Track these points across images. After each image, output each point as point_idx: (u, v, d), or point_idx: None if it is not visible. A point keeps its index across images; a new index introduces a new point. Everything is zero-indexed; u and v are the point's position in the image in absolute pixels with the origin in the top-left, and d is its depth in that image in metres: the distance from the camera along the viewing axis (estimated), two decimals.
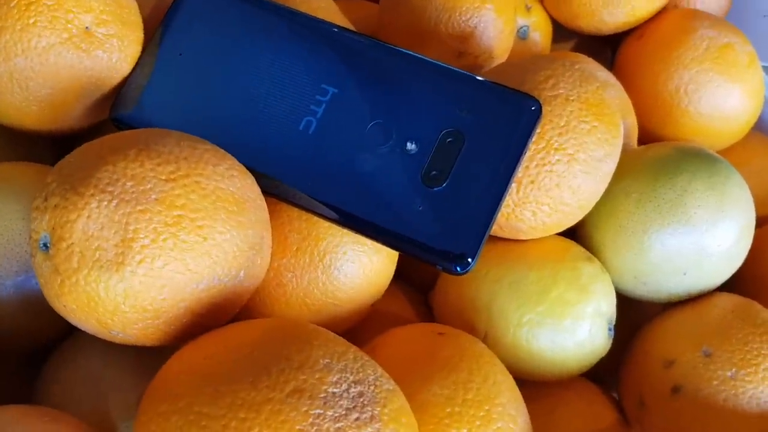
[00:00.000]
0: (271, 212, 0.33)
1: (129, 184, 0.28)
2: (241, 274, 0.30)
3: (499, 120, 0.34)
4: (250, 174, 0.32)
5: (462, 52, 0.42)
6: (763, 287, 0.43)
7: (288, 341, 0.27)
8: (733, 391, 0.36)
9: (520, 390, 0.34)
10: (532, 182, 0.35)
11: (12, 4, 0.33)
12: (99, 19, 0.35)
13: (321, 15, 0.39)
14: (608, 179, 0.37)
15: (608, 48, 0.55)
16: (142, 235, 0.27)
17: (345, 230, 0.35)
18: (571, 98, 0.35)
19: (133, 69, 0.37)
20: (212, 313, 0.30)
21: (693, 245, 0.38)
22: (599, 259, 0.40)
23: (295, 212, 0.35)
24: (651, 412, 0.38)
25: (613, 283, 0.39)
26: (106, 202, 0.27)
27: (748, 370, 0.36)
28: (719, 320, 0.38)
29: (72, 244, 0.27)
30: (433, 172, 0.33)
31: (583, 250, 0.39)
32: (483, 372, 0.33)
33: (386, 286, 0.38)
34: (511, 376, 0.34)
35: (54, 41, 0.34)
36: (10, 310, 0.33)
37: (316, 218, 0.35)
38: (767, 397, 0.36)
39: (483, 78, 0.35)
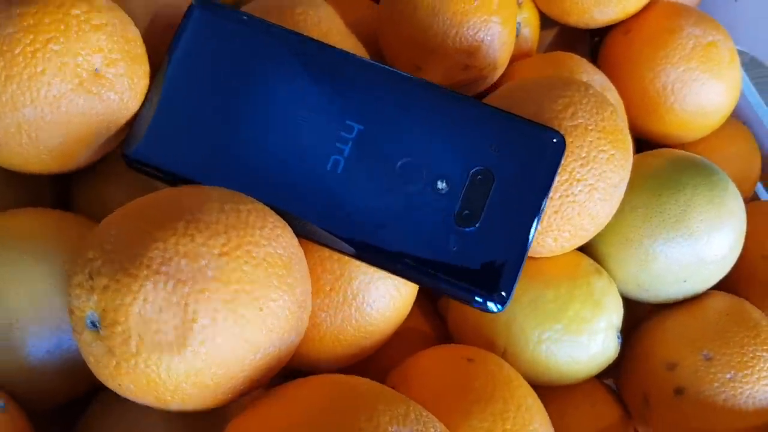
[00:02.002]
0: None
1: (183, 262, 0.27)
2: (293, 336, 0.30)
3: (525, 155, 0.34)
4: (289, 227, 0.32)
5: (468, 65, 0.42)
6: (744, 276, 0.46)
7: (355, 409, 0.27)
8: (732, 392, 0.39)
9: None
10: (556, 212, 0.36)
11: (17, 51, 0.31)
12: (108, 59, 0.33)
13: (333, 38, 0.38)
14: (620, 200, 0.38)
15: (588, 34, 0.56)
16: (202, 315, 0.27)
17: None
18: (590, 128, 0.36)
19: (143, 104, 0.35)
20: (266, 375, 0.30)
21: (694, 255, 0.40)
22: (604, 268, 0.41)
23: (326, 252, 0.35)
24: (655, 411, 0.41)
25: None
26: (162, 284, 0.27)
27: (745, 372, 0.39)
28: (716, 323, 0.41)
29: (129, 327, 0.27)
30: (466, 212, 0.34)
31: (591, 262, 0.41)
32: (516, 399, 0.35)
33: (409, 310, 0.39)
34: (537, 398, 0.36)
35: (64, 89, 0.32)
36: (46, 373, 0.32)
37: (347, 257, 0.35)
38: (761, 395, 0.39)
39: (508, 112, 0.35)
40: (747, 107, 0.54)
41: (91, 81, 0.32)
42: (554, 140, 0.34)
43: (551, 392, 0.41)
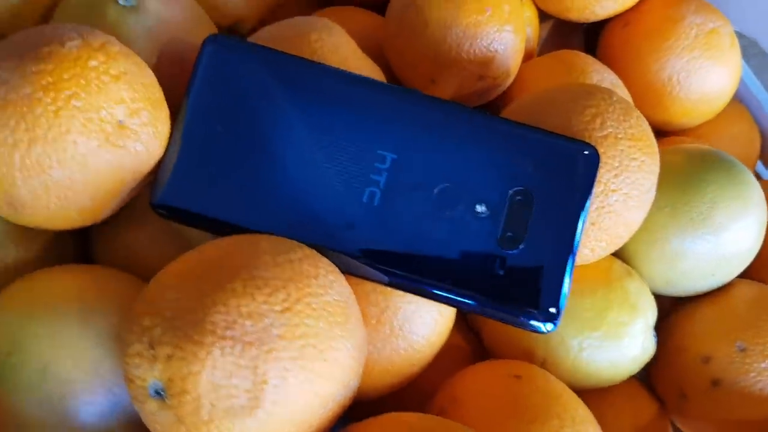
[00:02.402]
0: None
1: (248, 323, 0.26)
2: (356, 381, 0.30)
3: (561, 171, 0.34)
4: (338, 270, 0.31)
5: (483, 75, 0.41)
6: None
7: None
8: None
9: None
10: (593, 224, 0.36)
11: (38, 112, 0.29)
12: (131, 109, 0.31)
13: (351, 64, 0.37)
14: (651, 204, 0.38)
15: (581, 24, 0.56)
16: (272, 376, 0.26)
17: None
18: (620, 136, 0.36)
19: (167, 150, 0.34)
20: (332, 423, 0.30)
21: (721, 250, 0.41)
22: (633, 267, 0.42)
23: (368, 285, 0.34)
24: (693, 403, 0.42)
25: None
26: (229, 348, 0.26)
27: None
28: (746, 314, 0.41)
29: (199, 396, 0.26)
30: (509, 234, 0.33)
31: (620, 263, 0.41)
32: (569, 413, 0.35)
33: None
34: (585, 405, 0.36)
35: (91, 146, 0.30)
36: None
37: (390, 289, 0.34)
38: None
39: (540, 129, 0.34)
40: (742, 87, 0.55)
41: (116, 134, 0.31)
42: (588, 153, 0.34)
43: (587, 392, 0.41)
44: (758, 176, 0.56)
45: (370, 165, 0.34)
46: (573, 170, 0.34)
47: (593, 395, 0.42)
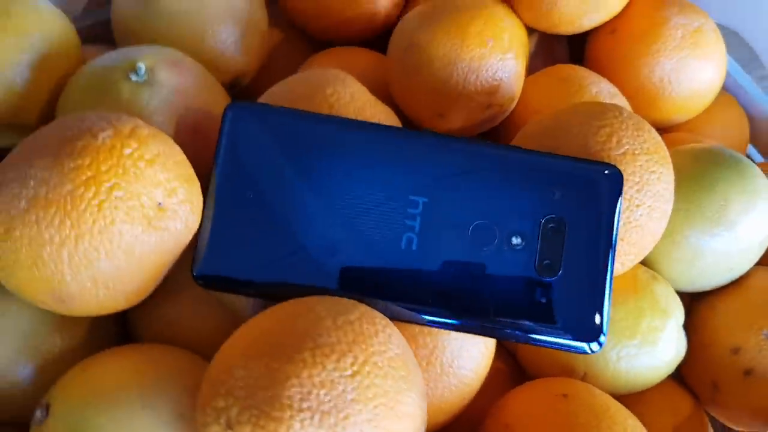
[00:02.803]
0: None
1: (322, 393, 0.27)
2: (423, 428, 0.31)
3: (588, 194, 0.35)
4: (391, 323, 0.32)
5: (490, 104, 0.42)
6: None
7: None
8: None
9: None
10: (622, 239, 0.37)
11: (82, 208, 0.29)
12: (168, 190, 0.32)
13: (367, 112, 0.37)
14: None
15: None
16: None
17: None
18: (636, 152, 0.37)
19: (203, 221, 0.34)
20: None
21: (737, 244, 0.42)
22: (655, 270, 0.43)
23: (415, 328, 0.35)
24: (726, 394, 0.43)
25: None
26: (308, 420, 0.27)
27: None
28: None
29: None
30: (546, 262, 0.34)
31: (644, 269, 0.42)
32: (620, 425, 0.36)
33: None
34: (631, 414, 0.37)
35: (136, 233, 0.31)
36: None
37: (436, 329, 0.35)
38: None
39: (562, 156, 0.35)
40: (728, 77, 0.56)
41: (157, 217, 0.31)
42: (610, 173, 0.35)
43: (625, 396, 0.43)
44: (750, 158, 0.58)
45: (403, 211, 0.34)
46: (599, 192, 0.35)
47: (631, 397, 0.43)
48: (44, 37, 0.40)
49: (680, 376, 0.47)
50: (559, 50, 0.58)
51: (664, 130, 0.54)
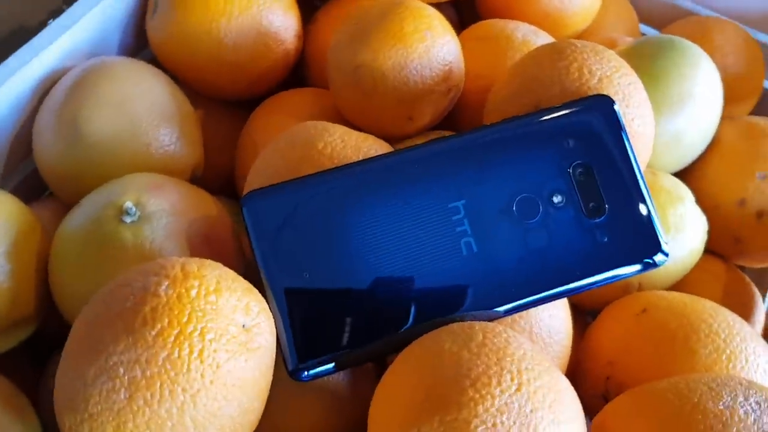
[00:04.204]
0: None
1: (504, 418, 0.27)
2: None
3: (594, 129, 0.36)
4: (508, 327, 0.32)
5: (449, 88, 0.43)
6: None
7: None
8: None
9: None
10: None
11: (185, 367, 0.28)
12: (243, 308, 0.30)
13: (362, 147, 0.37)
14: None
15: None
16: None
17: None
18: (609, 73, 0.39)
19: (275, 319, 0.33)
20: None
21: (702, 107, 0.46)
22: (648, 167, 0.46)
23: (507, 318, 0.36)
24: (747, 241, 0.47)
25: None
26: None
27: None
28: (748, 148, 0.47)
29: None
30: (591, 205, 0.36)
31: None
32: (719, 317, 0.38)
33: None
34: (709, 301, 0.40)
35: (241, 364, 0.29)
36: None
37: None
38: None
39: (554, 107, 0.37)
40: None
41: (249, 339, 0.30)
42: (601, 102, 0.37)
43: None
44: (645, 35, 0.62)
45: (450, 221, 0.35)
46: (601, 122, 0.36)
47: (678, 284, 0.46)
48: (8, 223, 0.37)
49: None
50: (451, 15, 0.59)
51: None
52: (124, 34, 0.49)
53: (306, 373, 0.33)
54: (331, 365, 0.33)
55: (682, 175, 0.49)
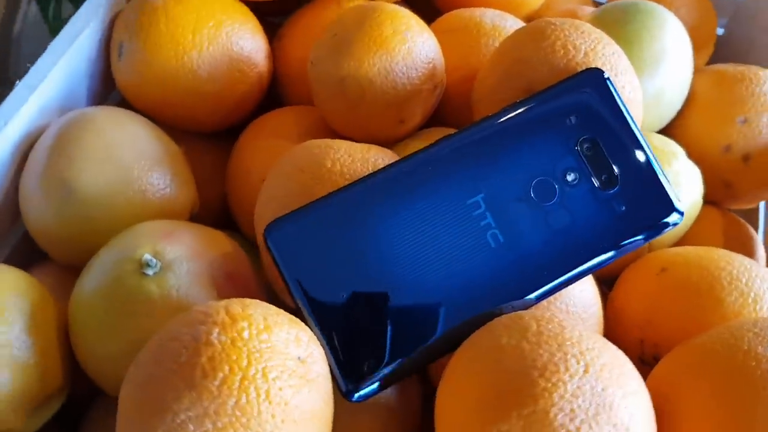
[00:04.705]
0: None
1: (580, 401, 0.28)
2: None
3: (591, 103, 0.37)
4: (552, 312, 0.33)
5: (435, 85, 0.43)
6: None
7: None
8: None
9: None
10: None
11: (256, 411, 0.27)
12: (295, 341, 0.30)
13: (371, 158, 0.37)
14: None
15: None
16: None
17: None
18: (592, 46, 0.39)
19: (323, 346, 0.33)
20: None
21: (674, 63, 0.47)
22: None
23: (543, 302, 0.36)
24: (737, 185, 0.49)
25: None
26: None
27: None
28: (725, 96, 0.48)
29: None
30: (604, 177, 0.36)
31: None
32: (736, 263, 0.39)
33: None
34: (719, 250, 0.41)
35: (305, 396, 0.29)
36: None
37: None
38: None
39: (550, 87, 0.37)
40: None
41: (307, 371, 0.30)
42: (593, 75, 0.37)
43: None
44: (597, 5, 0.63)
45: (472, 216, 0.35)
46: (596, 96, 0.37)
47: (682, 239, 0.48)
48: (20, 297, 0.35)
49: None
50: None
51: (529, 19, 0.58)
52: (91, 81, 0.47)
53: (356, 394, 0.33)
54: (384, 381, 0.33)
55: (665, 132, 0.50)
